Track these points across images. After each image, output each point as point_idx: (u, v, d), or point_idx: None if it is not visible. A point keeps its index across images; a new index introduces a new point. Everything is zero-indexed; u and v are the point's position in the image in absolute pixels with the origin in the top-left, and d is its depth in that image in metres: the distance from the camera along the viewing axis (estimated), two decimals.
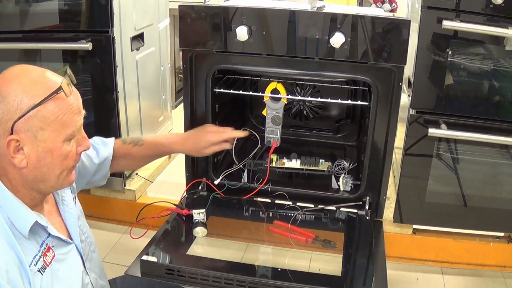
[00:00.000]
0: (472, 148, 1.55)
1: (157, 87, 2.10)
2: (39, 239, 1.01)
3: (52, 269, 1.02)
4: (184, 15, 1.47)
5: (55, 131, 0.96)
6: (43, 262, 1.00)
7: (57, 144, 0.97)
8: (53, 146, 0.96)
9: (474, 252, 1.69)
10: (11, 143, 0.93)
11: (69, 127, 0.97)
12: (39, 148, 0.95)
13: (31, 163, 0.96)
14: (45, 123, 0.94)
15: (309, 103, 1.83)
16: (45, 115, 0.94)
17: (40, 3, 1.64)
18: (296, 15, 1.41)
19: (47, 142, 0.96)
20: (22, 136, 0.93)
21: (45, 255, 1.01)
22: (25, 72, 0.96)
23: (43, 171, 0.98)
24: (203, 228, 1.40)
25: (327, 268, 1.33)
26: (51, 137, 0.96)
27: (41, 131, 0.94)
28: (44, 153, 0.96)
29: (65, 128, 0.97)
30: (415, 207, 1.62)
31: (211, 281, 1.16)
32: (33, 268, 0.97)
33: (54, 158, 0.98)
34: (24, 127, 0.93)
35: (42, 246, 1.01)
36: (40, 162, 0.97)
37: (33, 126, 0.94)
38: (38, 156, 0.96)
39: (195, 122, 1.62)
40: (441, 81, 1.47)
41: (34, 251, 0.99)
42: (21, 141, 0.94)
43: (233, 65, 1.54)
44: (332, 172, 1.67)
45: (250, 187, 1.64)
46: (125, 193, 1.81)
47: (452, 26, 1.37)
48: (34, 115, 0.93)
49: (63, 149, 0.98)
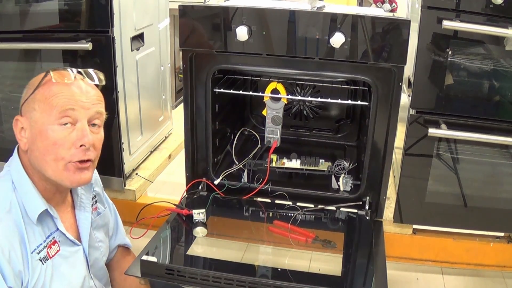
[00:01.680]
0: (472, 148, 1.55)
1: (157, 87, 2.10)
2: (47, 230, 1.04)
3: (55, 262, 1.04)
4: (184, 15, 1.47)
5: (43, 112, 1.02)
6: (46, 253, 1.03)
7: (45, 126, 1.02)
8: (42, 127, 1.02)
9: (474, 252, 1.68)
10: (17, 123, 1.05)
11: (57, 110, 1.01)
12: (32, 129, 1.03)
13: (29, 146, 1.03)
14: (36, 104, 1.03)
15: (309, 103, 1.83)
16: (37, 97, 1.03)
17: (40, 3, 1.63)
18: (296, 15, 1.41)
19: (38, 123, 1.02)
20: (23, 118, 1.04)
21: (50, 247, 1.04)
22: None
23: (36, 155, 1.03)
24: (203, 228, 1.40)
25: (327, 268, 1.33)
26: (41, 119, 1.02)
27: (33, 112, 1.03)
28: (35, 134, 1.02)
29: (52, 109, 1.02)
30: (415, 207, 1.62)
31: (211, 281, 1.16)
32: (35, 256, 1.00)
33: (43, 141, 1.02)
34: (24, 109, 1.04)
35: (48, 238, 1.04)
36: (33, 145, 1.03)
37: (29, 108, 1.03)
38: (33, 138, 1.03)
39: (195, 122, 1.62)
40: (441, 81, 1.47)
41: (39, 240, 1.02)
42: (20, 120, 1.04)
43: (233, 65, 1.54)
44: (332, 172, 1.67)
45: (250, 187, 1.64)
46: (125, 193, 1.81)
47: (452, 26, 1.37)
48: (31, 98, 1.03)
49: (51, 132, 1.02)
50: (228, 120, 1.84)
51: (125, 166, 1.80)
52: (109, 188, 1.79)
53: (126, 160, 1.80)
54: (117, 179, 1.79)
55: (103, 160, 1.15)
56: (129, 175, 1.87)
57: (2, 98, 1.82)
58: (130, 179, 1.87)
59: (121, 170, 1.78)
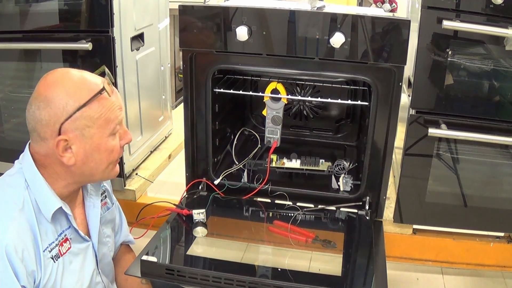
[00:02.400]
0: (472, 148, 1.55)
1: (157, 87, 2.10)
2: (59, 228, 1.05)
3: (65, 260, 1.05)
4: (184, 15, 1.47)
5: (100, 127, 1.02)
6: (58, 251, 1.04)
7: (103, 139, 1.04)
8: (100, 142, 1.03)
9: (474, 252, 1.68)
10: (60, 143, 1.00)
11: (113, 122, 1.04)
12: (86, 145, 1.02)
13: (79, 160, 1.03)
14: (91, 121, 1.01)
15: (309, 103, 1.83)
16: (90, 114, 1.01)
17: (40, 3, 1.63)
18: (296, 15, 1.41)
19: (94, 138, 1.02)
20: (70, 135, 1.00)
21: (61, 245, 1.05)
22: (66, 75, 1.03)
23: (91, 166, 1.05)
24: (203, 228, 1.40)
25: (327, 268, 1.33)
26: (97, 134, 1.02)
27: (87, 129, 1.01)
28: (91, 149, 1.03)
29: (109, 123, 1.04)
30: (415, 207, 1.62)
31: (211, 281, 1.16)
32: (47, 254, 1.00)
33: (101, 153, 1.05)
34: (71, 127, 1.00)
35: (60, 235, 1.05)
36: (87, 158, 1.03)
37: (79, 125, 1.00)
38: (86, 153, 1.03)
39: (195, 122, 1.62)
40: (441, 81, 1.47)
41: (51, 238, 1.03)
42: (70, 140, 1.01)
43: (233, 65, 1.54)
44: (332, 172, 1.67)
45: (250, 187, 1.64)
46: (125, 193, 1.81)
47: (452, 26, 1.37)
48: (80, 115, 1.00)
49: (108, 144, 1.05)
50: (228, 120, 1.84)
51: (125, 166, 1.81)
52: None
53: (126, 160, 1.80)
54: (117, 179, 1.79)
55: None
56: (129, 175, 1.87)
57: (2, 98, 1.82)
58: (130, 179, 1.86)
59: (121, 170, 1.78)
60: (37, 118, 1.00)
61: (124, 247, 1.38)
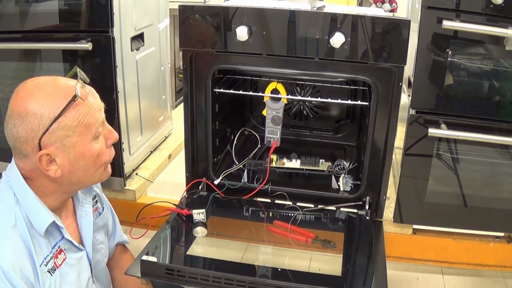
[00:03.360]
0: (472, 148, 1.55)
1: (157, 87, 2.10)
2: (53, 240, 1.03)
3: (62, 271, 1.03)
4: (184, 15, 1.47)
5: (81, 134, 0.99)
6: (54, 264, 1.01)
7: (86, 146, 1.00)
8: (83, 149, 1.00)
9: (474, 252, 1.68)
10: (42, 158, 0.97)
11: (93, 126, 1.00)
12: (70, 155, 0.99)
13: (65, 171, 0.99)
14: (70, 131, 0.97)
15: (309, 103, 1.83)
16: (68, 123, 0.97)
17: (40, 3, 1.63)
18: (296, 15, 1.41)
19: (76, 147, 0.99)
20: (51, 149, 0.96)
21: (56, 257, 1.02)
22: (36, 87, 0.98)
23: (79, 174, 1.02)
24: (203, 228, 1.40)
25: (327, 268, 1.33)
26: (79, 141, 0.99)
27: (67, 139, 0.97)
28: (76, 158, 0.99)
29: (89, 128, 1.00)
30: (415, 207, 1.62)
31: (211, 281, 1.16)
32: (43, 268, 0.98)
33: (87, 160, 1.01)
34: (50, 140, 0.96)
35: (54, 248, 1.03)
36: (74, 167, 1.00)
37: (59, 136, 0.96)
38: (71, 163, 0.99)
39: (195, 122, 1.62)
40: (441, 81, 1.47)
41: (46, 251, 1.00)
42: (51, 153, 0.97)
43: (233, 65, 1.54)
44: (332, 172, 1.67)
45: (250, 187, 1.64)
46: (125, 193, 1.81)
47: (452, 26, 1.37)
48: (57, 126, 0.96)
49: (93, 149, 1.01)
50: (228, 120, 1.84)
51: (125, 166, 1.80)
52: (109, 188, 1.79)
53: (126, 160, 1.80)
54: (117, 179, 1.79)
55: None
56: (129, 175, 1.87)
57: (2, 98, 1.82)
58: (130, 179, 1.86)
59: (121, 170, 1.78)
60: (15, 136, 0.96)
61: (120, 247, 1.36)
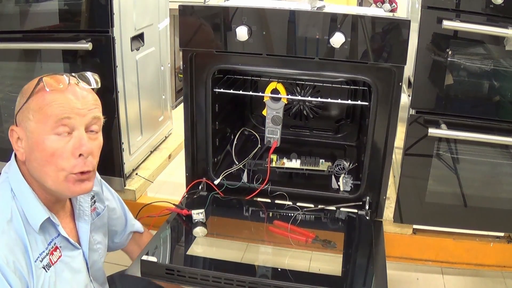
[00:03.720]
0: (472, 148, 1.55)
1: (157, 87, 2.10)
2: (48, 237, 1.03)
3: (57, 268, 1.04)
4: (184, 15, 1.47)
5: (39, 122, 0.99)
6: (49, 260, 1.02)
7: (42, 136, 0.99)
8: (38, 138, 0.99)
9: (474, 252, 1.68)
10: (12, 133, 1.02)
11: (51, 119, 0.98)
12: (29, 140, 1.00)
13: (26, 157, 1.01)
14: (31, 113, 1.00)
15: (309, 103, 1.83)
16: (31, 106, 1.00)
17: (40, 3, 1.63)
18: (296, 15, 1.41)
19: (34, 133, 0.99)
20: (18, 128, 1.02)
21: (51, 253, 1.03)
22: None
23: (34, 166, 1.01)
24: (202, 228, 1.40)
25: (327, 268, 1.33)
26: (37, 128, 0.99)
27: (28, 122, 1.00)
28: (32, 145, 1.00)
29: (47, 119, 0.98)
30: (415, 207, 1.62)
31: (211, 281, 1.16)
32: (38, 264, 0.99)
33: (41, 152, 0.99)
34: (19, 118, 1.02)
35: (50, 244, 1.03)
36: (30, 155, 1.01)
37: (24, 117, 1.01)
38: (30, 149, 1.00)
39: (195, 122, 1.62)
40: (441, 81, 1.47)
41: (41, 248, 1.01)
42: (16, 130, 1.02)
43: (233, 65, 1.54)
44: (332, 172, 1.67)
45: (249, 187, 1.64)
46: (125, 193, 1.81)
47: (452, 26, 1.37)
48: (26, 107, 1.00)
49: (47, 142, 0.99)
50: (228, 120, 1.84)
51: (125, 166, 1.80)
52: None
53: (126, 160, 1.80)
54: (117, 179, 1.79)
55: (103, 160, 1.15)
56: (129, 175, 1.87)
57: (2, 98, 1.82)
58: (130, 179, 1.86)
59: (121, 170, 1.78)
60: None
61: (137, 234, 1.39)
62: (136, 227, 1.39)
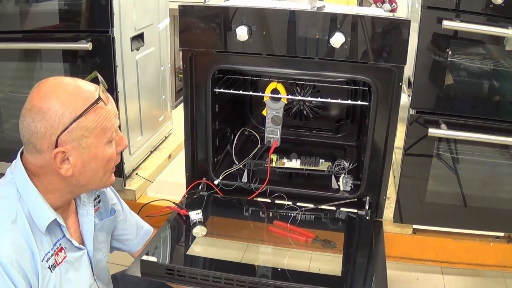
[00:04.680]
0: (472, 148, 1.55)
1: (157, 87, 2.10)
2: (54, 238, 1.04)
3: (62, 269, 1.04)
4: (184, 15, 1.47)
5: (97, 136, 1.01)
6: (54, 261, 1.02)
7: (100, 148, 1.02)
8: (97, 151, 1.02)
9: (474, 252, 1.68)
10: (57, 155, 0.98)
11: (109, 131, 1.03)
12: (84, 155, 1.00)
13: (76, 171, 1.01)
14: (88, 131, 0.99)
15: (309, 103, 1.83)
16: (87, 124, 0.99)
17: (40, 3, 1.64)
18: (296, 15, 1.41)
19: (91, 148, 1.01)
20: (67, 147, 0.98)
21: (57, 254, 1.03)
22: (60, 85, 1.00)
23: (88, 175, 1.03)
24: (201, 228, 1.39)
25: (327, 268, 1.33)
26: (94, 143, 1.01)
27: (84, 139, 0.99)
28: (89, 159, 1.01)
29: (105, 132, 1.02)
30: (415, 207, 1.62)
31: (211, 281, 1.16)
32: (44, 264, 0.99)
33: (98, 162, 1.03)
34: (68, 138, 0.98)
35: (55, 245, 1.04)
36: (85, 168, 1.02)
37: (76, 136, 0.98)
38: (83, 163, 1.01)
39: (195, 122, 1.62)
40: (441, 81, 1.47)
41: (47, 248, 1.01)
42: (67, 152, 0.99)
43: (233, 65, 1.54)
44: (332, 172, 1.67)
45: (249, 187, 1.64)
46: (125, 193, 1.81)
47: (452, 26, 1.37)
48: (77, 126, 0.98)
49: (106, 152, 1.04)
50: (228, 120, 1.84)
51: (125, 166, 1.81)
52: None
53: (126, 160, 1.80)
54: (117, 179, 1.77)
55: None
56: (129, 175, 1.88)
57: (2, 98, 1.82)
58: (130, 179, 1.87)
59: (121, 170, 1.78)
60: (32, 131, 0.97)
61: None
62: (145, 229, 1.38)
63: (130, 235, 1.33)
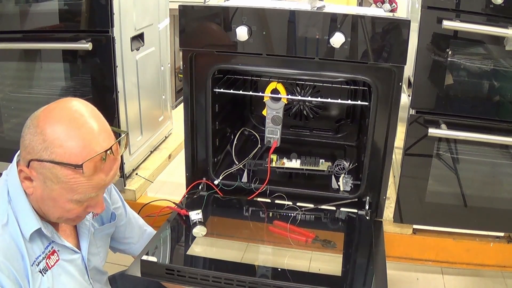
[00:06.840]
0: (472, 148, 1.55)
1: (157, 87, 2.10)
2: (46, 241, 1.03)
3: (54, 272, 1.03)
4: (184, 15, 1.47)
5: (63, 189, 0.95)
6: (46, 264, 1.01)
7: (62, 199, 0.97)
8: (58, 198, 0.97)
9: (474, 252, 1.68)
10: (21, 173, 0.97)
11: (77, 195, 0.96)
12: (44, 192, 0.96)
13: (35, 195, 0.98)
14: (57, 180, 0.94)
15: (309, 103, 1.83)
16: (59, 175, 0.94)
17: (40, 3, 1.64)
18: (296, 15, 1.41)
19: (53, 193, 0.96)
20: (33, 173, 0.95)
21: (49, 257, 1.02)
22: (72, 121, 0.94)
23: (45, 208, 1.00)
24: (201, 228, 1.39)
25: (327, 268, 1.33)
26: (58, 192, 0.96)
27: (50, 182, 0.95)
28: (48, 197, 0.97)
29: (73, 193, 0.96)
30: (415, 207, 1.62)
31: (211, 281, 1.16)
32: (34, 268, 0.98)
33: (55, 206, 0.98)
34: (37, 169, 0.95)
35: (47, 248, 1.02)
36: (43, 201, 0.98)
37: (45, 174, 0.94)
38: (42, 196, 0.97)
39: (195, 122, 1.62)
40: (441, 81, 1.47)
41: (38, 252, 1.00)
42: (32, 176, 0.96)
43: (233, 65, 1.54)
44: (332, 172, 1.67)
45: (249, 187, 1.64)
46: (125, 193, 1.81)
47: (452, 26, 1.37)
48: (50, 167, 0.93)
49: (66, 205, 0.98)
50: (228, 120, 1.84)
51: (125, 166, 1.81)
52: None
53: (126, 160, 1.80)
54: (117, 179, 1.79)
55: None
56: (129, 175, 1.88)
57: (2, 98, 1.82)
58: (130, 179, 1.87)
59: (121, 170, 1.78)
60: (23, 137, 0.95)
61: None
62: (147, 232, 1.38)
63: (133, 239, 1.33)
